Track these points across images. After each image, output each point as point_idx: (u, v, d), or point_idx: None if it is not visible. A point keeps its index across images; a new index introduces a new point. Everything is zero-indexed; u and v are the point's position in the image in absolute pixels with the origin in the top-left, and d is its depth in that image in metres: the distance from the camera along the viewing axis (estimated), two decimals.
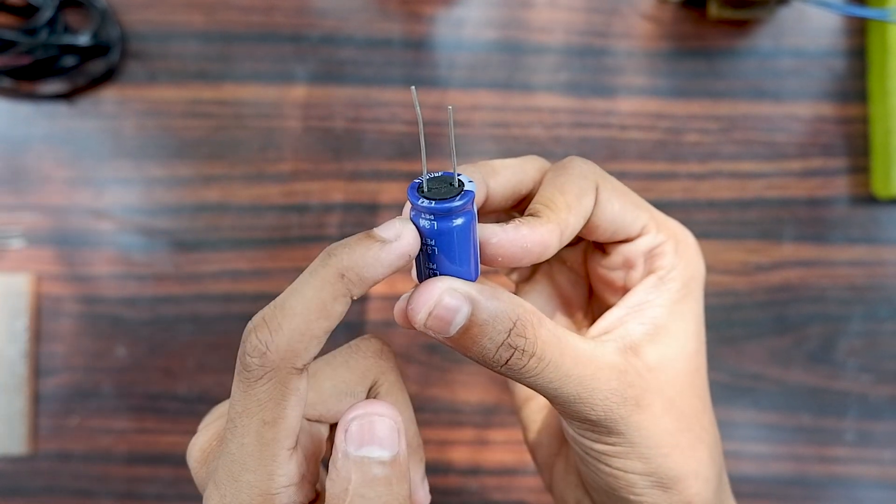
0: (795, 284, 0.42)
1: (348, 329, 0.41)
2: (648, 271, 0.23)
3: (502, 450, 0.42)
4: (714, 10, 0.41)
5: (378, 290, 0.41)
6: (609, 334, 0.22)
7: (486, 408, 0.42)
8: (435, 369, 0.42)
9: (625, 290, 0.23)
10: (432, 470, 0.41)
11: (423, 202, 0.18)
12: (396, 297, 0.20)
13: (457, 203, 0.18)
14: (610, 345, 0.21)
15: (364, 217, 0.42)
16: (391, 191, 0.42)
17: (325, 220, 0.42)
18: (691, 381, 0.22)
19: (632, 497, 0.21)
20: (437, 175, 0.19)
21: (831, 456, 0.41)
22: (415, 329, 0.19)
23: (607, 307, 0.23)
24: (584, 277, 0.26)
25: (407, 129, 0.42)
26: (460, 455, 0.41)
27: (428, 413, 0.41)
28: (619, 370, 0.20)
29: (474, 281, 0.19)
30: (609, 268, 0.24)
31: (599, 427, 0.20)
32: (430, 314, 0.19)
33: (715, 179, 0.42)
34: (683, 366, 0.21)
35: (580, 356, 0.19)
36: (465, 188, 0.18)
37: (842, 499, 0.41)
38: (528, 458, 0.41)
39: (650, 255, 0.23)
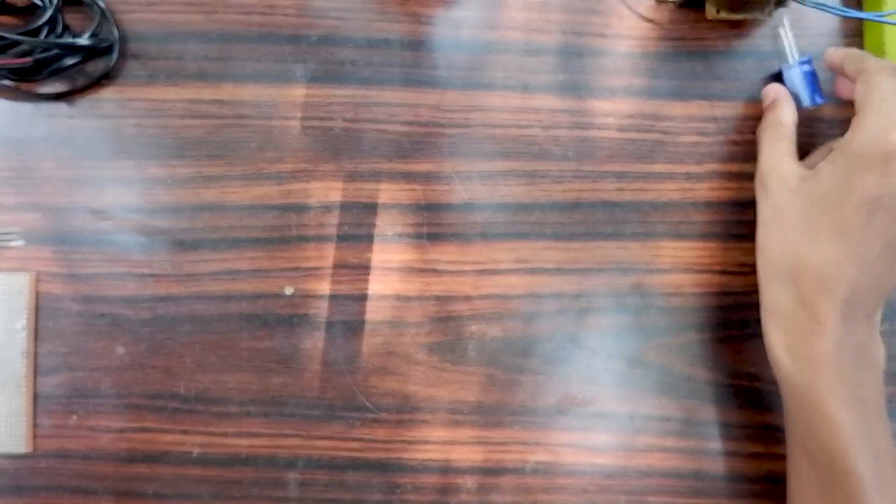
0: None
1: (348, 328, 0.41)
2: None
3: (500, 450, 0.42)
4: (712, 11, 0.42)
5: (378, 289, 0.42)
6: None
7: (486, 407, 0.42)
8: (434, 369, 0.42)
9: None
10: (430, 469, 0.41)
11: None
12: (395, 298, 0.20)
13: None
14: None
15: (363, 217, 0.42)
16: (390, 191, 0.42)
17: (324, 219, 0.42)
18: None
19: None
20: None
21: None
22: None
23: None
24: None
25: (406, 129, 0.42)
26: (459, 455, 0.42)
27: (427, 413, 0.42)
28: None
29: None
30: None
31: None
32: (764, 93, 0.41)
33: (712, 180, 0.42)
34: None
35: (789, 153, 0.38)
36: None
37: None
38: (524, 457, 0.41)
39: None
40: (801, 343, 0.33)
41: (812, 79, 0.40)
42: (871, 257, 0.31)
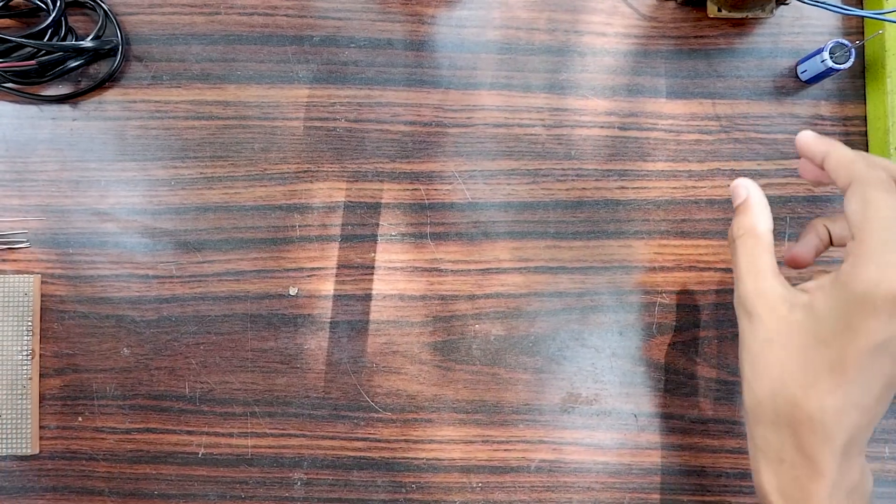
0: (796, 282, 0.42)
1: (353, 328, 0.42)
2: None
3: (504, 448, 0.42)
4: (713, 9, 0.42)
5: (382, 289, 0.42)
6: None
7: (490, 406, 0.42)
8: (438, 368, 0.42)
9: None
10: (435, 468, 0.41)
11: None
12: (399, 298, 0.20)
13: None
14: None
15: (366, 217, 0.42)
16: (393, 191, 0.42)
17: (327, 219, 0.42)
18: None
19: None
20: None
21: None
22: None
23: None
24: None
25: (409, 129, 0.42)
26: (464, 454, 0.42)
27: (431, 412, 0.42)
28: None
29: None
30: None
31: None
32: (734, 187, 0.34)
33: (715, 178, 0.42)
34: None
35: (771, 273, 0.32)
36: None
37: None
38: (528, 456, 0.41)
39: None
40: (797, 488, 0.30)
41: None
42: (872, 401, 0.29)
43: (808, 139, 0.32)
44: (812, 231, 0.36)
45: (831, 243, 0.36)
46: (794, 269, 0.36)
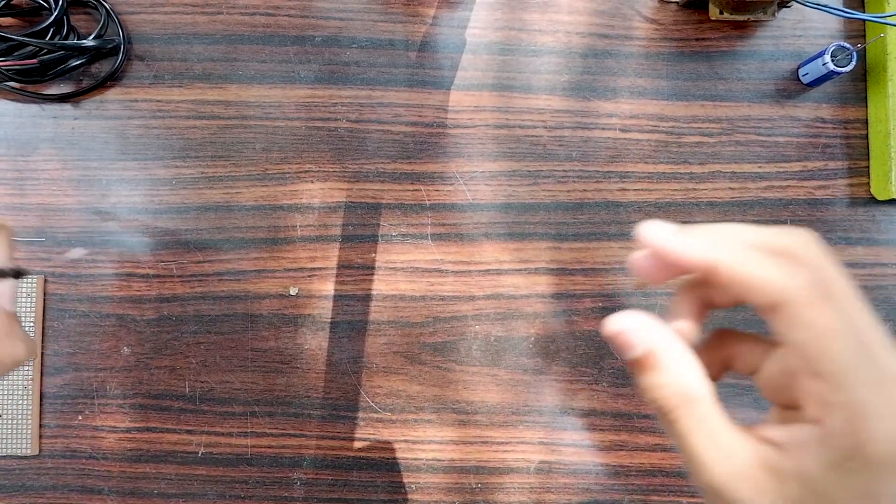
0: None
1: (353, 328, 0.42)
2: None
3: (504, 449, 0.42)
4: (715, 12, 0.42)
5: (382, 290, 0.42)
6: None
7: (489, 407, 0.42)
8: (438, 369, 0.42)
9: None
10: (435, 469, 0.41)
11: None
12: (400, 298, 0.20)
13: None
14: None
15: (367, 217, 0.42)
16: (394, 191, 0.42)
17: (328, 220, 0.42)
18: None
19: None
20: None
21: None
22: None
23: None
24: None
25: (410, 129, 0.42)
26: (461, 454, 0.42)
27: (431, 413, 0.42)
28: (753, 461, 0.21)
29: None
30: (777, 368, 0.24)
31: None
32: (617, 335, 0.21)
33: (715, 180, 0.43)
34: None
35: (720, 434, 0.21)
36: None
37: None
38: (528, 457, 0.41)
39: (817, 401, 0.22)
40: None
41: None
42: None
43: (674, 241, 0.22)
44: (691, 300, 0.25)
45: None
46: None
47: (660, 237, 0.22)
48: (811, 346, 0.20)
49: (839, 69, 0.40)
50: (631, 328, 0.22)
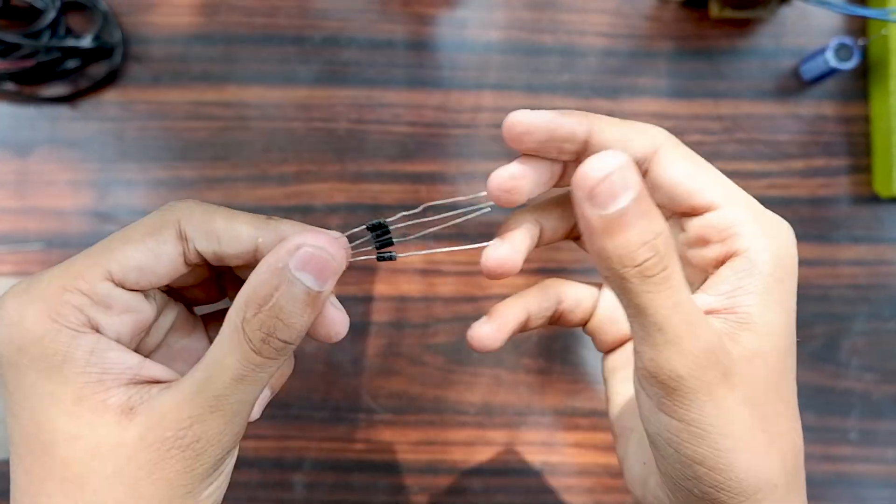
0: (799, 284, 0.42)
1: (354, 330, 0.41)
2: (727, 252, 0.21)
3: (505, 450, 0.42)
4: (715, 9, 0.41)
5: (383, 291, 0.42)
6: None
7: (489, 408, 0.42)
8: (439, 370, 0.42)
9: (704, 273, 0.22)
10: (435, 470, 0.41)
11: None
12: (400, 299, 0.20)
13: None
14: (712, 320, 0.20)
15: (367, 218, 0.42)
16: (394, 192, 0.42)
17: (328, 221, 0.42)
18: (777, 381, 0.20)
19: (695, 491, 0.20)
20: None
21: (835, 455, 0.42)
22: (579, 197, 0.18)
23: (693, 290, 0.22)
24: None
25: (410, 130, 0.42)
26: (463, 455, 0.41)
27: (431, 413, 0.41)
28: (717, 342, 0.19)
29: None
30: (686, 244, 0.22)
31: (679, 392, 0.19)
32: (606, 178, 0.17)
33: None
34: (773, 364, 0.20)
35: (691, 303, 0.19)
36: None
37: (846, 497, 0.41)
38: (530, 458, 0.41)
39: (726, 234, 0.21)
40: None
41: None
42: None
43: (555, 114, 0.21)
44: (522, 228, 0.25)
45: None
46: (493, 279, 0.24)
47: (541, 115, 0.22)
48: (701, 180, 0.22)
49: (841, 66, 0.39)
50: (621, 167, 0.18)
